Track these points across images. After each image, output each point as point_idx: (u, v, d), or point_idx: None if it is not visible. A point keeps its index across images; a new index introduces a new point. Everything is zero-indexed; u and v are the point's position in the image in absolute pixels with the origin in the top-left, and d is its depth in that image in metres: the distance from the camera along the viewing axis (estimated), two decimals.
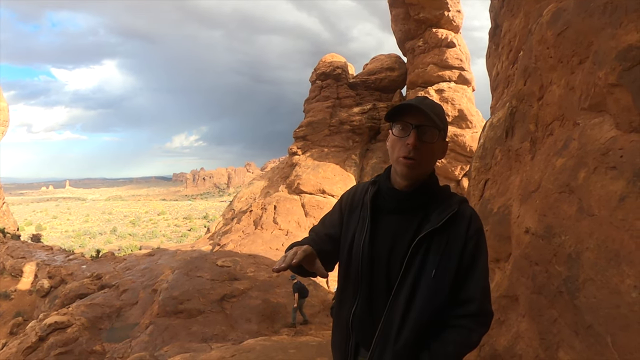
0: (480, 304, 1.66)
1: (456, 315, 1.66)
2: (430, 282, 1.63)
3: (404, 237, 1.69)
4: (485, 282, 1.69)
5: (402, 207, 1.73)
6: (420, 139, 1.62)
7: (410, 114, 1.65)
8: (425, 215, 1.69)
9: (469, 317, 1.65)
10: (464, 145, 26.41)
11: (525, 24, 4.74)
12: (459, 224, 1.66)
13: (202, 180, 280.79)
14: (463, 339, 1.64)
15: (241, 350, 6.76)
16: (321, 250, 1.77)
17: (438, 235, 1.65)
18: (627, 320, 1.98)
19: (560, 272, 2.51)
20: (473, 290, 1.65)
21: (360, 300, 1.77)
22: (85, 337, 13.57)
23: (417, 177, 1.69)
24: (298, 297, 13.28)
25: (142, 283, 19.20)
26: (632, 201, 2.04)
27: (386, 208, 1.77)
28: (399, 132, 1.66)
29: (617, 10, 2.35)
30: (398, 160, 1.67)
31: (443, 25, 28.26)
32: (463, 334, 1.65)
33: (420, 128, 1.63)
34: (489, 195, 4.65)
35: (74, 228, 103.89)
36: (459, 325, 1.65)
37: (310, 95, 36.88)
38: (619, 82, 2.23)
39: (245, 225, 28.77)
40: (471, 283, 1.65)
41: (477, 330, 1.66)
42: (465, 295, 1.66)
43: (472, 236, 1.66)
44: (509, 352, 3.20)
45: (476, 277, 1.66)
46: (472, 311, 1.65)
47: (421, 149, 1.63)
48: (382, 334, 1.68)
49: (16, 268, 28.56)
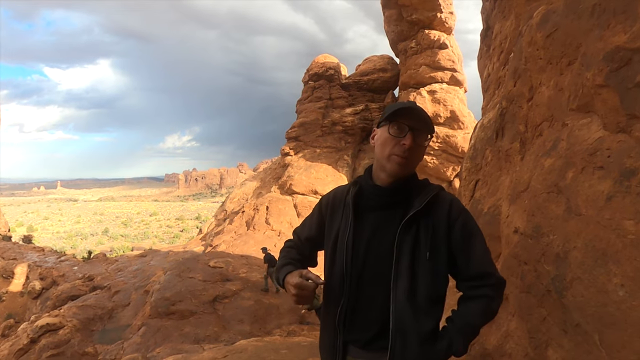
0: (496, 275, 1.73)
1: (474, 286, 1.74)
2: (426, 264, 1.68)
3: (389, 228, 1.73)
4: (489, 255, 1.75)
5: (384, 203, 1.78)
6: (415, 141, 1.70)
7: (408, 116, 1.71)
8: (407, 206, 1.74)
9: (489, 287, 1.72)
10: (455, 146, 26.50)
11: (516, 26, 4.78)
12: (441, 206, 1.72)
13: (194, 181, 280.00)
14: (486, 308, 1.71)
15: (233, 351, 6.74)
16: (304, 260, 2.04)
17: (424, 219, 1.70)
18: (614, 318, 2.00)
19: (548, 271, 2.54)
20: (483, 263, 1.72)
21: (348, 298, 1.79)
22: (77, 339, 13.49)
23: (404, 175, 1.75)
24: (267, 267, 15.13)
25: (134, 284, 19.09)
26: (618, 201, 2.07)
27: (369, 206, 1.81)
28: (395, 132, 1.72)
29: (605, 12, 2.38)
30: (390, 157, 1.72)
31: (436, 27, 28.35)
32: (485, 303, 1.71)
33: (416, 131, 1.70)
34: (479, 196, 4.68)
35: (66, 229, 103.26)
36: (480, 296, 1.72)
37: (303, 96, 36.86)
38: (607, 83, 2.26)
39: (238, 226, 28.72)
40: (477, 257, 1.72)
41: (497, 297, 1.74)
42: (478, 269, 1.72)
43: (458, 216, 1.72)
44: (498, 350, 3.22)
45: (480, 250, 1.72)
46: (491, 281, 1.72)
47: (413, 150, 1.70)
48: (397, 324, 1.69)
49: (7, 269, 28.30)
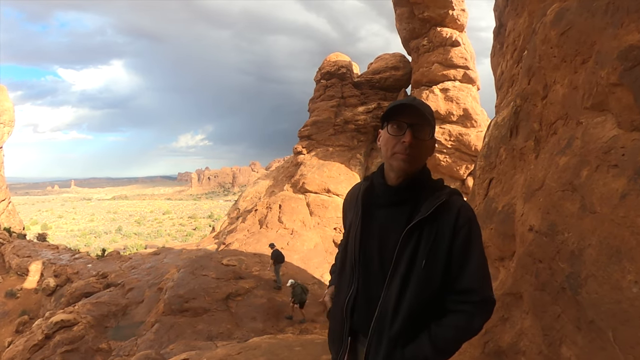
0: (481, 292, 1.69)
1: (457, 301, 1.70)
2: (420, 272, 1.68)
3: (395, 229, 1.74)
4: (484, 271, 1.71)
5: (393, 201, 1.80)
6: (415, 136, 1.70)
7: (405, 113, 1.72)
8: (415, 206, 1.74)
9: (472, 304, 1.68)
10: (468, 145, 26.33)
11: (529, 23, 4.76)
12: (448, 214, 1.70)
13: (207, 180, 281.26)
14: (464, 324, 1.68)
15: (247, 348, 6.79)
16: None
17: (428, 225, 1.69)
18: (628, 315, 2.01)
19: (563, 268, 2.54)
20: (472, 281, 1.68)
21: (355, 288, 1.85)
22: (91, 335, 13.68)
23: (410, 172, 1.75)
24: (273, 263, 15.84)
25: (148, 282, 19.29)
26: (633, 198, 2.07)
27: (378, 202, 1.85)
28: (394, 131, 1.74)
29: (619, 11, 2.38)
30: (394, 156, 1.74)
31: (448, 24, 28.16)
32: (464, 318, 1.68)
33: (415, 127, 1.71)
34: (493, 194, 4.67)
35: (80, 227, 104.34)
36: (460, 311, 1.69)
37: (315, 95, 36.85)
38: (621, 81, 2.26)
39: (251, 224, 28.80)
40: (469, 273, 1.68)
41: (478, 316, 1.69)
42: (465, 286, 1.69)
43: (463, 226, 1.68)
44: (512, 348, 3.23)
45: (473, 267, 1.69)
46: (474, 299, 1.68)
47: (415, 146, 1.71)
48: (378, 322, 1.75)
49: (22, 267, 28.75)
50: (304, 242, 24.12)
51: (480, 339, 3.66)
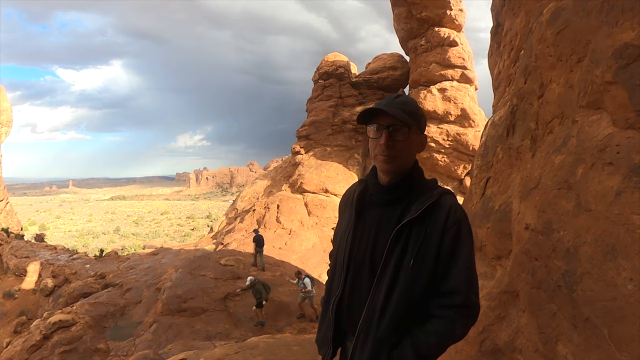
0: (465, 296, 1.67)
1: (440, 306, 1.69)
2: (408, 273, 1.67)
3: (386, 229, 1.76)
4: (470, 273, 1.69)
5: (385, 200, 1.82)
6: (393, 138, 1.71)
7: (381, 116, 1.73)
8: (406, 206, 1.75)
9: (453, 309, 1.67)
10: (466, 144, 26.40)
11: (526, 23, 4.78)
12: (438, 214, 1.69)
13: (205, 180, 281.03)
14: (446, 329, 1.67)
15: (245, 348, 6.80)
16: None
17: (417, 226, 1.69)
18: (623, 312, 2.02)
19: (559, 266, 2.55)
20: (456, 282, 1.67)
21: (345, 288, 1.87)
22: (89, 335, 13.68)
23: (396, 172, 1.77)
24: (256, 246, 17.44)
25: (146, 282, 19.29)
26: (627, 196, 2.08)
27: (372, 202, 1.87)
28: (373, 133, 1.76)
29: (614, 9, 2.39)
30: (376, 157, 1.77)
31: (445, 24, 28.23)
32: (446, 325, 1.67)
33: (392, 128, 1.71)
34: (490, 193, 4.68)
35: (78, 228, 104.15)
36: (443, 316, 1.68)
37: (313, 95, 36.89)
38: (615, 79, 2.27)
39: (249, 224, 28.80)
40: (454, 274, 1.67)
41: (461, 322, 1.68)
42: (449, 287, 1.68)
43: (452, 226, 1.67)
44: (509, 346, 3.24)
45: (459, 267, 1.67)
46: (456, 303, 1.67)
47: (395, 146, 1.71)
48: (365, 321, 1.76)
49: (20, 267, 28.71)
50: (302, 242, 24.15)
51: (477, 337, 3.67)
